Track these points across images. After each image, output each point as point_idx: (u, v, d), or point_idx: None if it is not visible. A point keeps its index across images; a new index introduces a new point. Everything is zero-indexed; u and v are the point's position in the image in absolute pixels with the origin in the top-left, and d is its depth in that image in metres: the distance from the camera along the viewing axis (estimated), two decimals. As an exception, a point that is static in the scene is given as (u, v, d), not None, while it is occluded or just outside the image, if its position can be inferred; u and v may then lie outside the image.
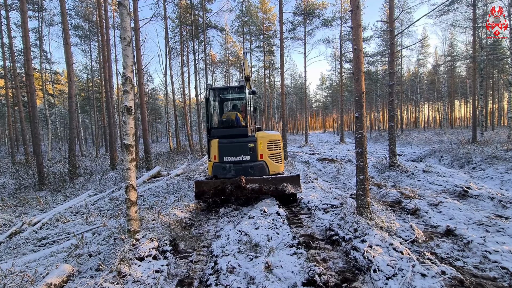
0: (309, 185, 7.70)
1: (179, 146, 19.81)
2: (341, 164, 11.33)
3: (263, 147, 6.12)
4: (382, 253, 3.19)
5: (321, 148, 21.75)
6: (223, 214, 5.60)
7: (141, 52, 10.34)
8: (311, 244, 3.83)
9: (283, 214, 5.04)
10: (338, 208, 5.34)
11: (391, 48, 9.50)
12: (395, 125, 9.87)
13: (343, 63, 25.26)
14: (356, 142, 4.17)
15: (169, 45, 17.82)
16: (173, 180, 8.81)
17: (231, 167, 6.06)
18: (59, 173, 9.49)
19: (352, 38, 4.06)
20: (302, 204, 5.91)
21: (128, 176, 3.70)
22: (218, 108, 7.32)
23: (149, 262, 3.36)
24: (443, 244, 3.73)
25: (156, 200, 6.51)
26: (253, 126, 7.34)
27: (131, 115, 3.63)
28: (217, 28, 20.33)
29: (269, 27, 27.44)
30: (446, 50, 33.27)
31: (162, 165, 12.17)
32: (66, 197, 7.23)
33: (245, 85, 6.64)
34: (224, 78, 34.35)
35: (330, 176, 9.79)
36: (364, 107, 4.07)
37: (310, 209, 5.42)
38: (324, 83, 59.79)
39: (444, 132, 26.76)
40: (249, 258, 3.34)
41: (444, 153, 13.37)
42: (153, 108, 42.24)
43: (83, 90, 31.24)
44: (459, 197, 5.92)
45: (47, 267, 3.17)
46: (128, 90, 3.61)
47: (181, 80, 19.03)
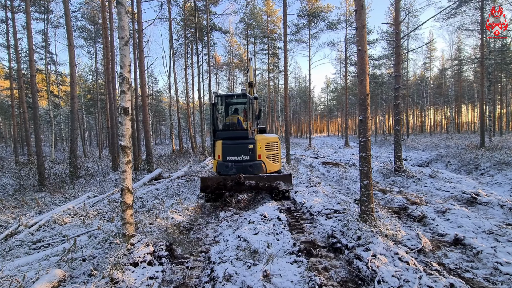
0: (312, 189, 7.53)
1: (182, 148, 19.77)
2: (345, 168, 11.13)
3: (262, 148, 6.82)
4: (387, 263, 3.02)
5: (325, 152, 21.53)
6: (223, 218, 5.47)
7: (144, 54, 10.34)
8: (312, 251, 3.68)
9: (284, 219, 4.90)
10: (341, 213, 5.18)
11: (397, 51, 9.34)
12: (401, 129, 9.68)
13: (348, 66, 25.07)
14: (360, 146, 4.02)
15: (173, 47, 17.84)
16: (173, 183, 8.71)
17: (233, 165, 6.72)
18: (60, 174, 9.46)
19: (357, 39, 3.93)
20: (304, 208, 5.75)
21: (124, 179, 3.60)
22: (223, 113, 7.91)
23: (144, 268, 3.23)
24: (451, 254, 3.55)
25: (155, 202, 6.40)
26: (254, 129, 7.83)
27: (127, 115, 3.54)
28: (221, 30, 20.32)
29: (273, 30, 27.40)
30: (453, 54, 32.87)
31: (164, 167, 12.10)
32: (65, 199, 7.16)
33: (248, 92, 7.19)
34: (228, 80, 34.37)
35: (334, 180, 9.61)
36: (368, 110, 3.92)
37: (312, 215, 5.26)
38: (329, 86, 59.48)
39: (451, 137, 26.34)
40: (247, 266, 3.20)
41: (451, 158, 13.09)
42: (157, 110, 42.39)
43: (88, 91, 31.47)
44: (467, 204, 5.71)
45: (38, 272, 3.06)
46: (125, 90, 3.52)
47: (184, 82, 19.02)
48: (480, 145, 15.08)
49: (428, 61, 36.03)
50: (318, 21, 22.22)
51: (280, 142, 7.99)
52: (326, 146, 27.95)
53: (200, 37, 17.89)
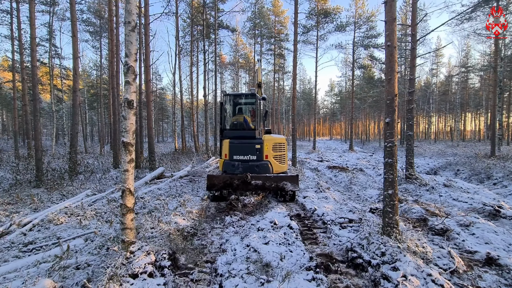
0: (321, 194, 7.18)
1: (185, 147, 19.42)
2: (353, 173, 10.75)
3: (269, 149, 6.78)
4: (420, 285, 2.66)
5: (330, 156, 21.14)
6: (229, 224, 5.13)
7: (150, 49, 10.01)
8: (330, 267, 3.32)
9: (295, 227, 4.54)
10: (356, 223, 4.81)
11: (412, 53, 8.98)
12: (413, 134, 9.31)
13: (355, 69, 24.67)
14: (386, 152, 3.67)
15: (179, 44, 17.53)
16: (176, 183, 8.37)
17: (239, 165, 6.67)
18: (59, 170, 9.10)
19: (386, 33, 3.58)
20: (316, 216, 5.39)
21: (126, 179, 3.25)
22: (231, 112, 7.87)
23: (144, 281, 2.88)
24: (486, 275, 3.18)
25: (157, 203, 6.06)
26: (262, 129, 7.76)
27: (132, 109, 3.20)
28: (228, 28, 19.98)
29: (280, 30, 27.06)
30: (461, 60, 32.42)
31: (166, 166, 11.76)
32: (62, 196, 6.80)
33: (256, 92, 7.16)
34: (233, 80, 34.03)
35: (342, 185, 9.25)
36: (396, 112, 3.57)
37: (326, 223, 4.89)
38: (333, 89, 59.14)
39: (457, 145, 25.89)
40: (259, 283, 2.84)
41: (461, 166, 12.72)
42: (161, 108, 42.12)
43: (92, 86, 31.23)
44: (490, 217, 5.34)
45: (26, 282, 2.72)
46: (130, 81, 3.18)
47: (189, 80, 18.72)
48: (490, 154, 14.66)
49: (435, 67, 35.61)
50: (327, 22, 21.86)
51: (287, 143, 7.92)
52: (330, 150, 27.53)
53: (207, 34, 17.56)
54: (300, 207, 6.33)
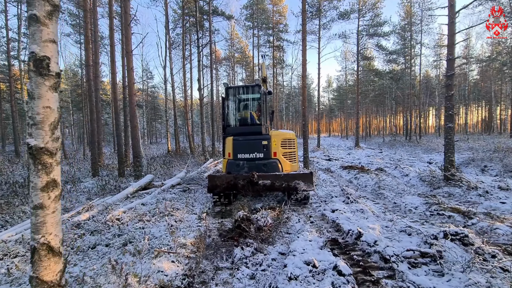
0: (354, 206, 5.56)
1: (179, 148, 17.66)
2: (376, 174, 9.15)
3: (277, 145, 6.15)
4: None
5: (336, 153, 19.62)
6: (240, 261, 3.49)
7: (131, 30, 8.24)
8: None
9: (347, 271, 2.90)
10: (433, 259, 3.20)
11: (451, 29, 7.40)
12: (453, 126, 7.75)
13: (360, 60, 23.11)
14: None
15: (169, 34, 15.73)
16: (166, 194, 6.67)
17: (244, 164, 6.09)
18: (12, 184, 7.17)
19: None
20: (365, 245, 3.75)
21: (40, 224, 1.57)
22: (235, 107, 7.11)
23: None
24: None
25: (137, 229, 4.37)
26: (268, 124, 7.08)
27: (47, 78, 1.51)
28: (224, 15, 18.17)
29: (279, 20, 25.31)
30: (462, 51, 31.16)
31: (156, 172, 10.02)
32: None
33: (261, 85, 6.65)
34: (229, 76, 32.28)
35: (369, 191, 7.64)
36: None
37: (387, 260, 3.26)
38: (331, 85, 57.75)
39: (467, 138, 24.56)
40: None
41: (487, 162, 11.29)
42: (153, 107, 40.11)
43: (77, 86, 29.18)
44: None
45: None
46: (41, 16, 1.50)
47: (182, 75, 17.00)
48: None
49: (437, 58, 34.28)
50: (330, 9, 20.26)
51: (297, 140, 7.17)
52: (334, 147, 26.04)
53: (200, 23, 15.78)
54: (333, 227, 4.72)
